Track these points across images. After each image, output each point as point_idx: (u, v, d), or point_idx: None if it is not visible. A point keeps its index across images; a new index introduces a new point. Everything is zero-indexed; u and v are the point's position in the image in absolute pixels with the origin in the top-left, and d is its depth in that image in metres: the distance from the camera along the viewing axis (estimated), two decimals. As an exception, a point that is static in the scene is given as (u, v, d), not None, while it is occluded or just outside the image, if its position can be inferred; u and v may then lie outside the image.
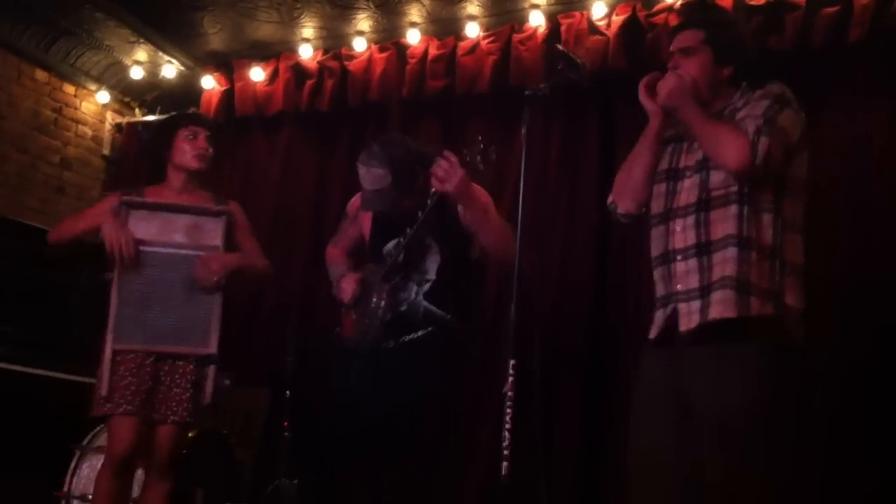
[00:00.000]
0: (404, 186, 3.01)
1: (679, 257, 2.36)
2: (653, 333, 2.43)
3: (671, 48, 2.50)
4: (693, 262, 2.33)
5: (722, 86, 2.44)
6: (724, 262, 2.26)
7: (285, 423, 3.89)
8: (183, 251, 3.13)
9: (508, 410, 2.18)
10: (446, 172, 2.75)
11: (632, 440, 2.42)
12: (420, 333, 3.00)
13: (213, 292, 3.12)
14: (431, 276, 3.05)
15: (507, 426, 2.17)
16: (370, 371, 3.01)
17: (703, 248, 2.31)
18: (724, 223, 2.30)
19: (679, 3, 4.09)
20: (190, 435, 3.36)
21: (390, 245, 3.07)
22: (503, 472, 2.16)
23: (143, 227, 3.11)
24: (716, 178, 2.34)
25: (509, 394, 2.19)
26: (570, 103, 4.32)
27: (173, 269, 3.10)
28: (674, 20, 4.05)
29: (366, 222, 3.24)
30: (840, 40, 3.76)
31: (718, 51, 2.42)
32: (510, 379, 2.21)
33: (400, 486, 2.94)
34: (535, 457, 2.54)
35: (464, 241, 3.08)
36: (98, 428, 3.64)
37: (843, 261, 3.67)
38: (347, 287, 3.13)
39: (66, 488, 3.56)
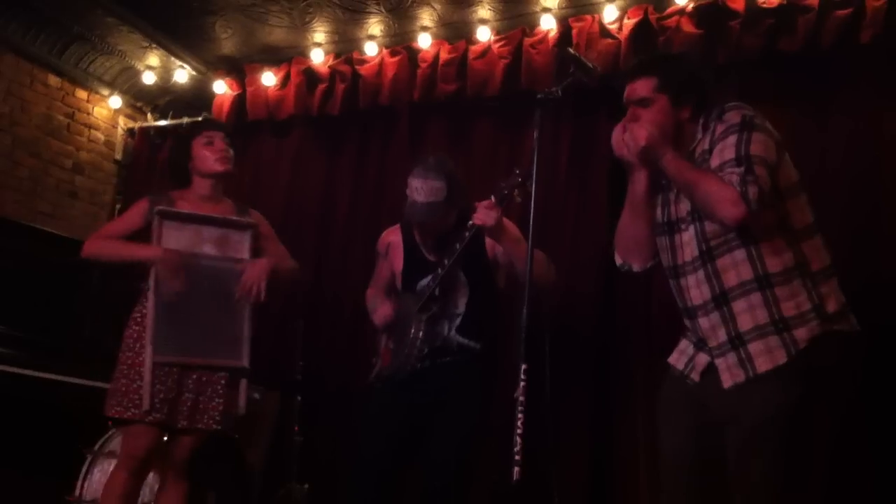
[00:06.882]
0: (456, 201, 3.13)
1: (700, 313, 2.34)
2: (677, 361, 2.43)
3: (625, 98, 2.47)
4: (715, 316, 2.29)
5: (685, 126, 2.40)
6: (752, 310, 2.22)
7: (296, 428, 3.89)
8: (214, 263, 3.14)
9: (520, 416, 2.16)
10: (486, 211, 2.89)
11: (660, 445, 2.44)
12: (454, 358, 3.11)
13: (259, 303, 3.13)
14: (461, 309, 3.16)
15: (519, 431, 2.15)
16: (406, 388, 3.13)
17: (721, 300, 2.28)
18: (736, 269, 2.26)
19: (691, 6, 4.07)
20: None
21: (427, 279, 3.15)
22: (514, 477, 2.14)
23: (175, 237, 3.13)
24: (710, 227, 2.31)
25: (521, 399, 2.17)
26: (581, 107, 4.31)
27: (207, 281, 3.10)
28: (685, 23, 4.05)
29: (397, 258, 3.33)
30: (851, 42, 3.74)
31: (674, 94, 2.39)
32: (522, 384, 2.19)
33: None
34: (545, 460, 2.52)
35: (490, 273, 3.20)
36: (109, 433, 3.65)
37: (850, 262, 3.62)
38: (382, 312, 3.25)
39: (77, 493, 3.56)
